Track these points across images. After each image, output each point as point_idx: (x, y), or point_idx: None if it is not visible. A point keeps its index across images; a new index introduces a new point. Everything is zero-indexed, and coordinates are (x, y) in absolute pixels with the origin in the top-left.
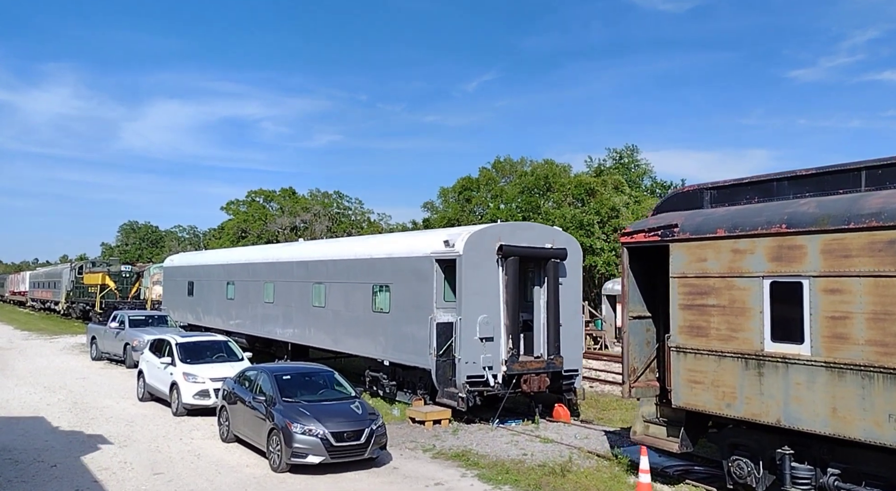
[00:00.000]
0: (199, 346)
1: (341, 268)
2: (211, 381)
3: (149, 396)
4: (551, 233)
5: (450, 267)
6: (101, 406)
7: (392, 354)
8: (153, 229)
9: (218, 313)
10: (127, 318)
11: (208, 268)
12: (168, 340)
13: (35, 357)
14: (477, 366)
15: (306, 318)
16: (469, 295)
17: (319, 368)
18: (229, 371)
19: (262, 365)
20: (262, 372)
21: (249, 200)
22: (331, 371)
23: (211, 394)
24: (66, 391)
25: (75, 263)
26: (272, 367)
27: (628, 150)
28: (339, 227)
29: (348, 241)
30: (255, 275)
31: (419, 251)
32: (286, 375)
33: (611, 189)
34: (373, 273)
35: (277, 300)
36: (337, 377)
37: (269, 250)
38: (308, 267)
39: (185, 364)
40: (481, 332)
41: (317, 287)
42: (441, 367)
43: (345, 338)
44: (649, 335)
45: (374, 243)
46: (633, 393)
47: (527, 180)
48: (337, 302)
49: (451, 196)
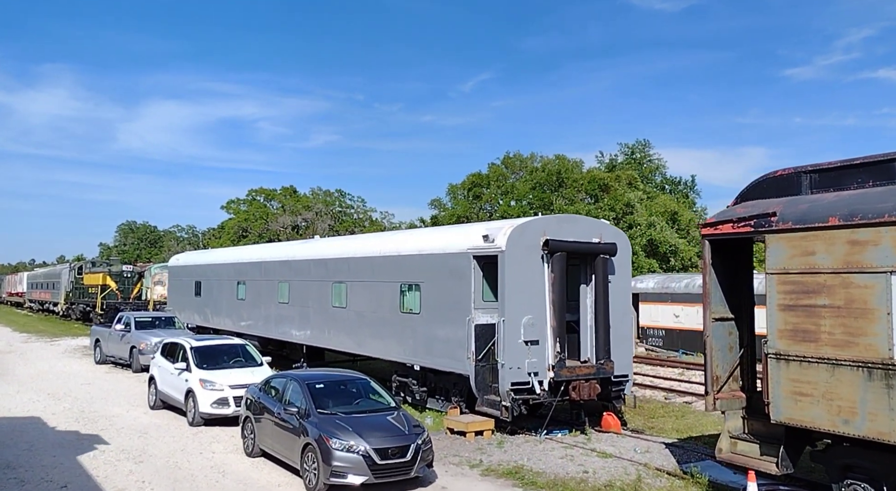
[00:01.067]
0: (216, 350)
1: (364, 266)
2: (230, 388)
3: (161, 403)
4: (599, 226)
5: (489, 264)
6: (110, 415)
7: (423, 359)
8: (151, 229)
9: (228, 314)
10: (133, 319)
11: (217, 267)
12: (182, 344)
13: (36, 361)
14: (521, 372)
15: (325, 319)
16: (512, 294)
17: (354, 376)
18: (249, 377)
19: (290, 372)
20: (291, 380)
21: (250, 199)
22: (366, 379)
23: (230, 402)
24: (72, 398)
25: (74, 263)
26: (302, 374)
27: (640, 144)
28: (341, 226)
29: (372, 237)
30: (269, 274)
31: (454, 247)
32: (319, 384)
33: (624, 184)
34: (401, 271)
35: (293, 301)
36: (373, 385)
37: (284, 248)
38: (327, 265)
39: (201, 370)
40: (526, 334)
41: (337, 286)
42: (480, 372)
43: (369, 340)
44: (732, 339)
45: (401, 239)
46: (717, 406)
47: (538, 176)
48: (359, 302)
49: (459, 193)
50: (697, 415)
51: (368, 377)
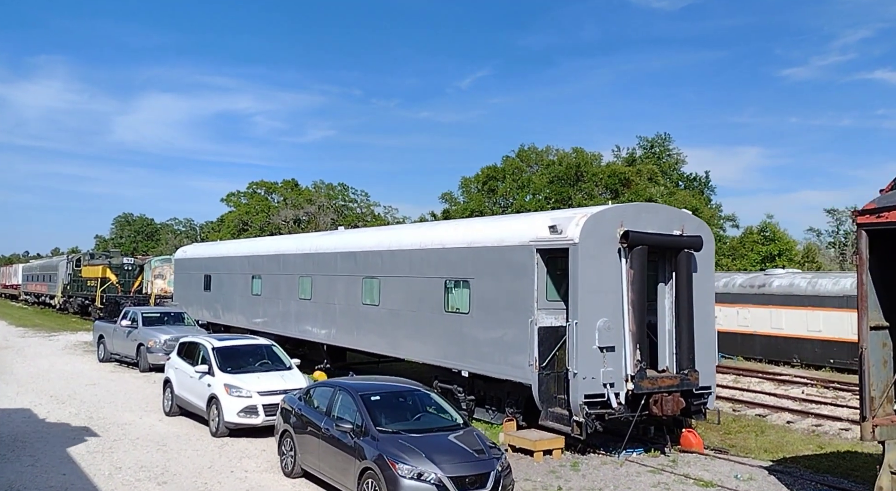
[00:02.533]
0: (240, 351)
1: (401, 260)
2: (259, 395)
3: (178, 409)
4: (681, 217)
5: (554, 258)
6: (122, 422)
7: (472, 364)
8: (148, 222)
9: (241, 310)
10: (140, 315)
11: (229, 260)
12: (202, 344)
13: (35, 358)
14: (596, 382)
15: (353, 317)
16: (587, 293)
17: (412, 387)
18: (279, 383)
19: (338, 381)
20: (340, 390)
21: (251, 192)
22: (426, 391)
23: (259, 411)
24: (77, 402)
25: (72, 255)
26: (353, 384)
27: (659, 138)
28: (344, 220)
29: (410, 228)
30: (288, 268)
31: (513, 239)
32: (375, 396)
33: (645, 179)
34: (446, 266)
35: (316, 297)
36: (435, 398)
37: (306, 240)
38: (357, 259)
39: (225, 373)
40: (601, 340)
41: (368, 282)
42: (544, 382)
43: (405, 342)
44: (885, 352)
45: (446, 230)
46: (877, 434)
47: (556, 170)
48: (394, 299)
49: (473, 186)
50: (777, 430)
51: (428, 389)
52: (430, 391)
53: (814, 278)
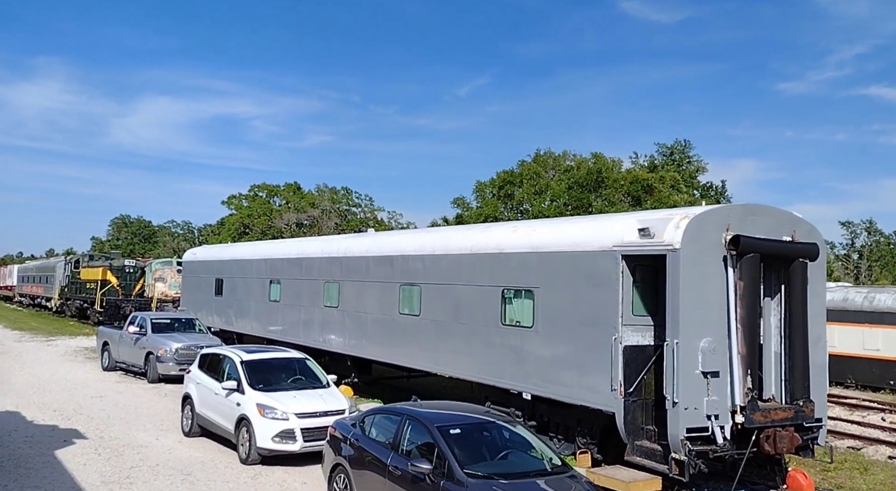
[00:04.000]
0: (271, 365)
1: (447, 266)
2: (297, 417)
3: (198, 429)
4: (791, 220)
5: (642, 266)
6: (137, 444)
7: (536, 386)
8: (145, 224)
9: (256, 317)
10: (148, 321)
11: (244, 263)
12: (229, 357)
13: (34, 365)
14: (699, 414)
15: (388, 328)
16: (689, 309)
17: (492, 418)
18: (318, 403)
19: (403, 408)
20: (409, 419)
21: (252, 195)
22: (511, 424)
23: (297, 436)
24: (84, 418)
25: (71, 256)
26: (425, 413)
27: (679, 145)
28: (348, 224)
29: (458, 230)
30: (312, 272)
31: (592, 243)
32: (454, 429)
33: (668, 186)
34: (504, 273)
35: (344, 304)
36: (524, 432)
37: (333, 242)
38: (393, 264)
39: (257, 391)
40: (705, 364)
41: (407, 290)
42: (630, 410)
43: (450, 357)
44: None
45: (504, 233)
46: None
47: (576, 175)
48: (438, 309)
49: (488, 191)
50: (882, 467)
51: (514, 418)
52: (515, 425)
53: (870, 293)
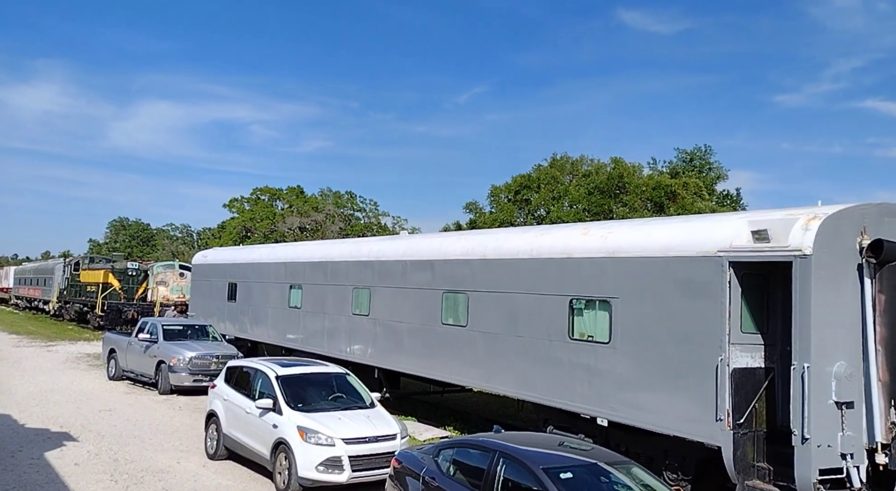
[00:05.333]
0: (309, 381)
1: (501, 272)
2: (344, 443)
3: (225, 451)
4: None
5: (749, 274)
6: (157, 469)
7: (614, 410)
8: (144, 227)
9: (274, 324)
10: (160, 328)
11: (261, 266)
12: (261, 371)
13: (35, 373)
14: (832, 452)
15: (428, 340)
16: (821, 327)
17: (606, 458)
18: (366, 426)
19: (488, 440)
20: (504, 458)
21: (254, 198)
22: (624, 462)
23: (344, 464)
24: (94, 435)
25: (70, 258)
26: (525, 451)
27: (699, 151)
28: (352, 229)
29: (514, 232)
30: (338, 277)
31: (689, 247)
32: (566, 473)
33: (692, 193)
34: (572, 281)
35: (375, 312)
36: (642, 473)
37: (364, 245)
38: (435, 269)
39: (297, 412)
40: (840, 392)
41: (451, 298)
42: (741, 445)
43: (504, 373)
44: None
45: (572, 235)
46: None
47: (596, 180)
48: (489, 320)
49: (503, 196)
50: None
51: (628, 458)
52: (631, 464)
53: None
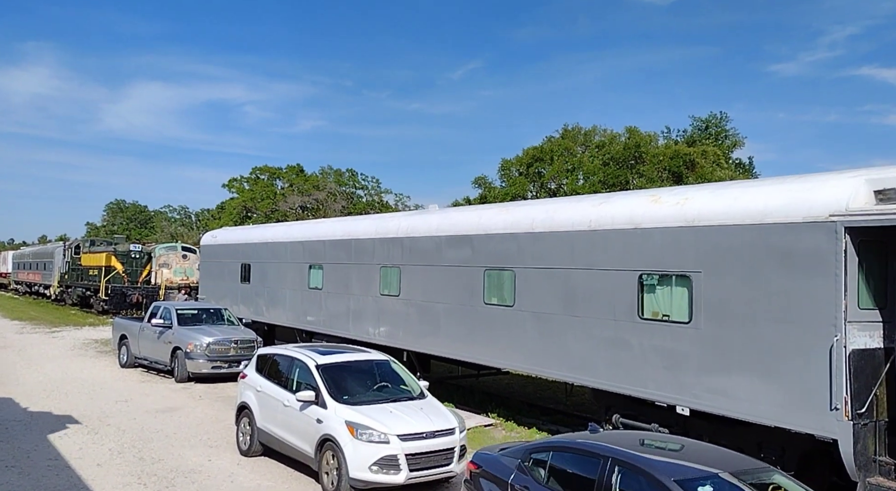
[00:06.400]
0: (351, 369)
1: (554, 245)
2: (399, 439)
3: (260, 447)
4: None
5: (870, 241)
6: (186, 468)
7: (697, 398)
8: (141, 209)
9: (292, 306)
10: (174, 312)
11: (276, 246)
12: (298, 359)
13: (42, 361)
14: None
15: (468, 320)
16: None
17: (737, 459)
18: (422, 421)
19: (595, 443)
20: (621, 467)
21: (254, 178)
22: (765, 469)
23: (401, 463)
24: (115, 430)
25: (70, 241)
26: (649, 459)
27: (714, 119)
28: (355, 208)
29: (566, 202)
30: (364, 256)
31: (792, 212)
32: (703, 485)
33: (712, 161)
34: (642, 254)
35: (407, 292)
36: (783, 479)
37: (391, 221)
38: (474, 245)
39: (343, 405)
40: None
41: (495, 276)
42: (861, 437)
43: (560, 357)
44: None
45: (640, 203)
46: None
47: (612, 150)
48: (540, 299)
49: (514, 170)
50: None
51: (774, 470)
52: (773, 471)
53: None
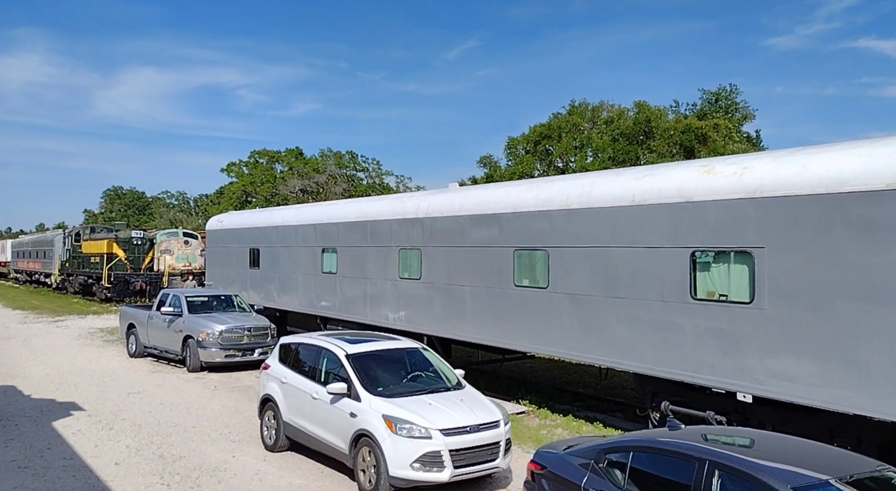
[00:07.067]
0: (382, 359)
1: (592, 223)
2: (442, 434)
3: (286, 441)
4: None
5: None
6: (210, 465)
7: (764, 384)
8: (139, 195)
9: (305, 291)
10: (184, 300)
11: (287, 229)
12: (326, 348)
13: (47, 351)
14: None
15: (497, 304)
16: None
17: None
18: (465, 413)
19: (688, 443)
20: (722, 471)
21: (252, 162)
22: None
23: (445, 460)
24: (129, 424)
25: (70, 229)
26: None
27: (724, 91)
28: (356, 190)
29: (604, 176)
30: (381, 238)
31: (876, 179)
32: None
33: (724, 135)
34: (694, 229)
35: (429, 275)
36: None
37: (410, 201)
38: (502, 224)
39: (378, 397)
40: None
41: (526, 256)
42: None
43: (601, 341)
44: None
45: (690, 175)
46: None
47: (622, 125)
48: (577, 279)
49: (521, 148)
50: None
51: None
52: (887, 468)
53: None
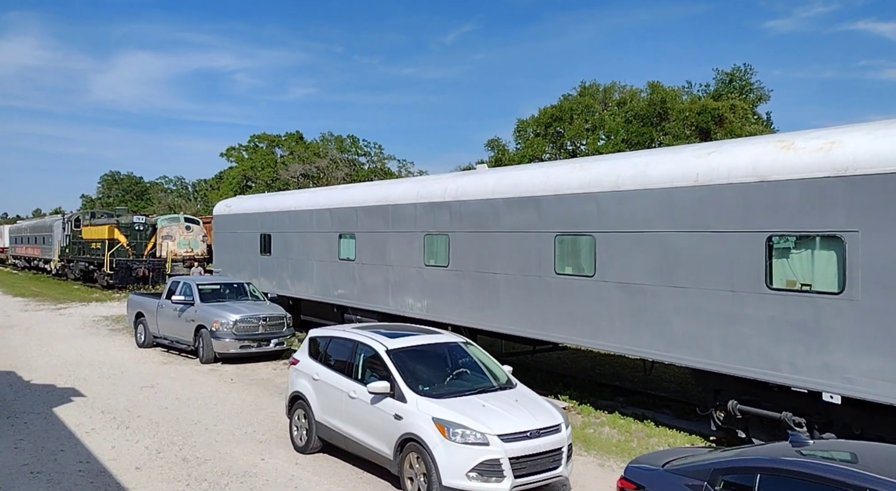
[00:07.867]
0: (425, 355)
1: (647, 206)
2: (501, 440)
3: (319, 442)
4: None
5: None
6: (239, 470)
7: (855, 384)
8: (136, 180)
9: (320, 279)
10: (195, 288)
11: (300, 214)
12: (363, 343)
13: (52, 341)
14: None
15: (536, 293)
16: None
17: None
18: (524, 417)
19: (847, 470)
20: None
21: (252, 146)
22: None
23: (505, 469)
24: (146, 422)
25: (69, 214)
26: None
27: (739, 71)
28: (358, 175)
29: (660, 154)
30: (404, 223)
31: None
32: None
33: (740, 116)
34: (770, 212)
35: (457, 262)
36: None
37: (435, 183)
38: (541, 208)
39: (426, 398)
40: None
41: (568, 242)
42: None
43: (658, 334)
44: None
45: (765, 152)
46: None
47: (635, 107)
48: (629, 267)
49: (530, 130)
50: None
51: None
52: None
53: None
